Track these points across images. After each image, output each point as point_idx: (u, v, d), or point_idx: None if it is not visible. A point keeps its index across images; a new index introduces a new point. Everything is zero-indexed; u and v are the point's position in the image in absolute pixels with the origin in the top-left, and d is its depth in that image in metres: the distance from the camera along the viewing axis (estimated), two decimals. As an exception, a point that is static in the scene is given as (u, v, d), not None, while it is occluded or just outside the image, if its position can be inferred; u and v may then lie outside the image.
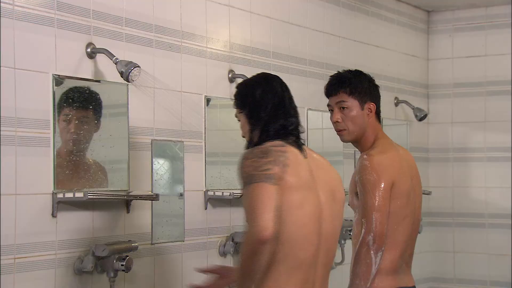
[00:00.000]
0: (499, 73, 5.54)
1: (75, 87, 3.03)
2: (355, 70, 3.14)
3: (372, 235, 2.85)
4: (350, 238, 4.51)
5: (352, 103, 3.03)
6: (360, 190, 2.93)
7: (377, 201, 2.87)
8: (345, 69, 3.18)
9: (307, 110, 4.43)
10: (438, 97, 5.73)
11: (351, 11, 4.88)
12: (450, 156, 5.68)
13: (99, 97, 3.12)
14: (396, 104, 5.29)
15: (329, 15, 4.66)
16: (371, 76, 3.13)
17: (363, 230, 2.87)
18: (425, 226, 5.17)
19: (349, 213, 4.72)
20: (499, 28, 5.55)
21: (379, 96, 3.12)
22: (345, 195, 2.63)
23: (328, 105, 3.12)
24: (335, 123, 3.07)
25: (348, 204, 3.13)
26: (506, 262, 5.47)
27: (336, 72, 3.16)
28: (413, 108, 5.28)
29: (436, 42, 5.75)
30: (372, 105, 3.06)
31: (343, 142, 3.13)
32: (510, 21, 5.50)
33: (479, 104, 5.60)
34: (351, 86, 3.03)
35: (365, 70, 3.19)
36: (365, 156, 2.97)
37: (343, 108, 3.04)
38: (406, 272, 3.05)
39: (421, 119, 5.29)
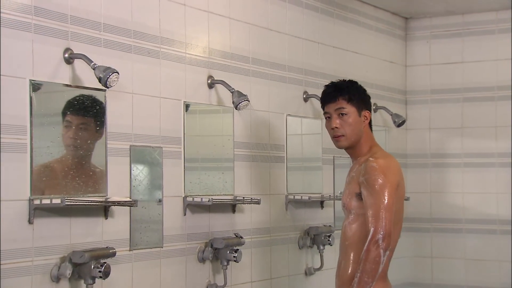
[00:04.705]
0: (476, 80, 5.60)
1: (52, 91, 3.02)
2: (349, 80, 3.28)
3: (382, 233, 2.91)
4: (330, 244, 4.53)
5: (351, 110, 3.14)
6: (366, 190, 2.99)
7: (386, 201, 2.94)
8: (339, 79, 3.32)
9: (286, 116, 4.43)
10: (416, 103, 5.77)
11: (330, 18, 4.90)
12: (428, 162, 5.71)
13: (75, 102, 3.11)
14: (375, 110, 5.32)
15: (308, 21, 4.68)
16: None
17: (371, 228, 2.92)
18: (403, 231, 5.15)
19: (329, 219, 4.74)
20: (475, 35, 5.61)
21: (371, 106, 3.24)
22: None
23: (325, 113, 3.22)
24: (333, 129, 3.15)
25: (343, 206, 3.16)
26: (483, 267, 5.52)
27: (329, 82, 3.27)
28: (391, 114, 5.32)
29: (414, 48, 5.79)
30: (367, 113, 3.19)
31: (339, 148, 3.21)
32: (486, 29, 5.56)
33: (456, 110, 5.65)
34: (350, 93, 3.15)
35: (343, 76, 3.25)
36: (371, 159, 3.05)
37: (342, 114, 3.14)
38: (387, 276, 3.10)
39: (399, 125, 5.32)
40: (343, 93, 3.14)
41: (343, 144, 3.15)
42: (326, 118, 3.20)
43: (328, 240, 4.50)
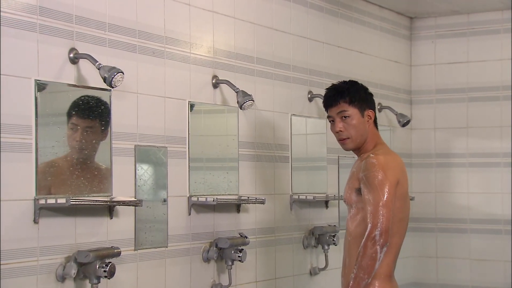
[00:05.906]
0: (481, 79, 5.59)
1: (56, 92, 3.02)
2: (350, 80, 3.27)
3: (379, 230, 2.91)
4: (334, 244, 4.53)
5: (353, 112, 3.14)
6: (366, 187, 2.99)
7: (385, 197, 2.95)
8: (340, 80, 3.30)
9: (291, 115, 4.43)
10: (421, 103, 5.77)
11: (334, 17, 4.90)
12: (432, 162, 5.71)
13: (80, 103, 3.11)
14: (380, 110, 5.31)
15: (312, 21, 4.68)
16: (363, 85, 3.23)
17: (369, 225, 2.93)
18: (408, 231, 5.18)
19: (334, 219, 4.74)
20: (480, 35, 5.60)
21: (375, 104, 3.22)
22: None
23: (329, 117, 3.22)
24: (337, 132, 3.16)
25: (344, 201, 3.17)
26: (488, 267, 5.51)
27: (331, 84, 3.26)
28: (396, 114, 5.31)
29: (418, 48, 5.79)
30: (371, 112, 3.19)
31: (346, 150, 3.22)
32: (491, 28, 5.55)
33: (461, 110, 5.65)
34: (350, 95, 3.15)
35: (348, 76, 3.24)
36: (371, 155, 3.06)
37: (345, 117, 3.14)
38: (394, 276, 3.10)
39: (404, 125, 5.32)
40: (344, 96, 3.13)
41: (349, 146, 3.16)
42: (330, 121, 3.20)
43: (333, 240, 4.50)
